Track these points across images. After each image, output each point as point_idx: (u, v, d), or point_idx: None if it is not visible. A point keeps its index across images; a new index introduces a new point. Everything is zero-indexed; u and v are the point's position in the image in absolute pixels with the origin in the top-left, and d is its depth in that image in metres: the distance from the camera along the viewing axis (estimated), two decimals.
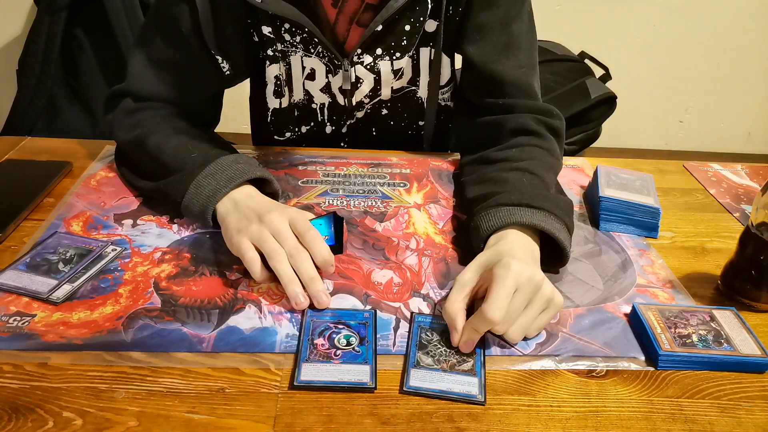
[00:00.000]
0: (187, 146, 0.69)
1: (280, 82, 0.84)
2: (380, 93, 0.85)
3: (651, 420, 0.48)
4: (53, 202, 0.72)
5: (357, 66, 0.81)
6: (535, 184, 0.67)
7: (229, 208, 0.63)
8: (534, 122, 0.76)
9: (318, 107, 0.87)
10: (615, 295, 0.63)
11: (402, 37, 0.79)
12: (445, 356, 0.53)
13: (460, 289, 0.55)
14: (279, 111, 0.87)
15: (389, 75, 0.82)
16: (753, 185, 0.88)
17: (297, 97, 0.85)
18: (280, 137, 0.91)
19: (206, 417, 0.46)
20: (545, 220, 0.61)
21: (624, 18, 2.21)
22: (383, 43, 0.79)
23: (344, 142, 0.93)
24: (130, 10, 1.60)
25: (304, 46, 0.79)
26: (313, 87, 0.84)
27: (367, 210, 0.74)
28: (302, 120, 0.89)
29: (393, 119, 0.89)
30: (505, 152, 0.73)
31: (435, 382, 0.50)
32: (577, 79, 1.66)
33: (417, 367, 0.51)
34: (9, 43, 2.03)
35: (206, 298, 0.58)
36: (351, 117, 0.89)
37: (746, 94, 2.39)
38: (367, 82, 0.83)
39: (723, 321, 0.57)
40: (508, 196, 0.64)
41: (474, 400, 0.49)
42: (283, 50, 0.80)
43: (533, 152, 0.73)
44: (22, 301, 0.56)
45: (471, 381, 0.50)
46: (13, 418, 0.45)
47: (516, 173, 0.68)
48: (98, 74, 1.67)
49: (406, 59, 0.82)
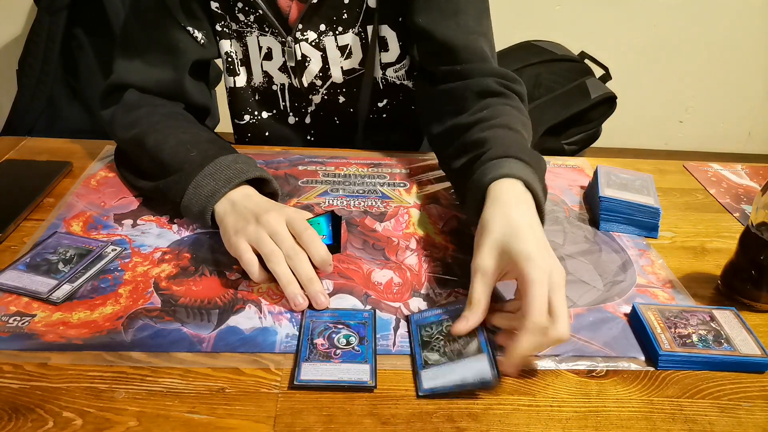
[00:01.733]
0: (186, 146, 0.69)
1: (232, 59, 0.85)
2: (330, 74, 0.85)
3: (651, 420, 0.48)
4: (53, 202, 0.72)
5: (302, 43, 0.81)
6: (516, 139, 0.67)
7: (227, 208, 0.63)
8: (497, 84, 0.76)
9: (279, 89, 0.88)
10: (615, 295, 0.63)
11: (342, 11, 0.79)
12: (449, 345, 0.53)
13: (485, 279, 0.53)
14: (235, 91, 0.88)
15: (335, 52, 0.83)
16: (753, 185, 0.88)
17: (257, 80, 0.87)
18: (239, 121, 0.91)
19: (206, 417, 0.46)
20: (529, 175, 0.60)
21: (624, 18, 2.21)
22: (324, 18, 0.80)
23: (310, 135, 0.93)
24: None
25: (258, 25, 0.81)
26: (271, 67, 0.85)
27: (367, 210, 0.74)
28: (263, 105, 0.89)
29: (352, 105, 0.89)
30: (477, 114, 0.72)
31: (447, 376, 0.50)
32: (577, 79, 1.66)
33: (426, 367, 0.51)
34: (9, 43, 2.02)
35: (206, 298, 0.58)
36: (309, 103, 0.89)
37: (746, 94, 2.39)
38: (314, 60, 0.83)
39: (723, 321, 0.57)
40: (494, 151, 0.63)
41: (489, 383, 0.49)
42: (239, 30, 0.82)
43: (504, 110, 0.72)
44: (22, 301, 0.56)
45: (481, 363, 0.50)
46: (13, 418, 0.45)
47: (494, 130, 0.68)
48: (98, 74, 1.66)
49: (351, 36, 0.82)
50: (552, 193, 0.78)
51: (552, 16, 2.17)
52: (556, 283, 0.51)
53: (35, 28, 1.60)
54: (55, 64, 1.61)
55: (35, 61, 1.60)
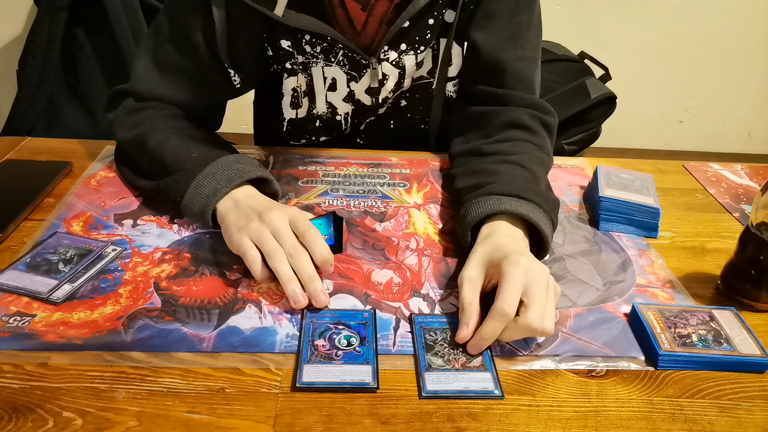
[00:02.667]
0: (187, 146, 0.69)
1: (297, 94, 0.83)
2: (403, 85, 0.85)
3: (651, 420, 0.48)
4: (53, 202, 0.72)
5: (383, 63, 0.80)
6: (526, 177, 0.68)
7: (229, 207, 0.63)
8: (528, 117, 0.77)
9: (342, 118, 0.87)
10: (615, 295, 0.63)
11: (426, 31, 0.79)
12: (453, 355, 0.53)
13: (472, 286, 0.55)
14: (295, 121, 0.87)
15: (413, 68, 0.82)
16: (753, 185, 0.88)
17: (320, 110, 0.85)
18: (294, 142, 0.91)
19: (206, 417, 0.46)
20: (534, 212, 0.62)
21: (624, 18, 2.21)
22: (407, 38, 0.79)
23: (360, 139, 0.92)
24: (130, 10, 1.60)
25: (324, 56, 0.79)
26: (335, 98, 0.84)
27: (367, 210, 0.74)
28: (323, 131, 0.88)
29: (410, 111, 0.89)
30: (497, 146, 0.74)
31: (451, 383, 0.50)
32: (577, 79, 1.66)
33: (429, 370, 0.51)
34: (9, 43, 2.02)
35: (206, 298, 0.58)
36: (374, 115, 0.88)
37: (746, 94, 2.39)
38: (392, 77, 0.82)
39: (723, 321, 0.57)
40: (498, 186, 0.65)
41: (493, 396, 0.49)
42: (304, 62, 0.80)
43: (525, 147, 0.73)
44: (22, 301, 0.56)
45: (485, 377, 0.51)
46: (13, 418, 0.45)
47: (508, 166, 0.69)
48: (98, 74, 1.66)
49: (428, 50, 0.82)
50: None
51: (552, 16, 2.15)
52: (534, 278, 0.53)
53: (35, 28, 1.60)
54: (55, 64, 1.61)
55: (35, 61, 1.60)
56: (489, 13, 0.78)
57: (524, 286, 0.53)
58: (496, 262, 0.55)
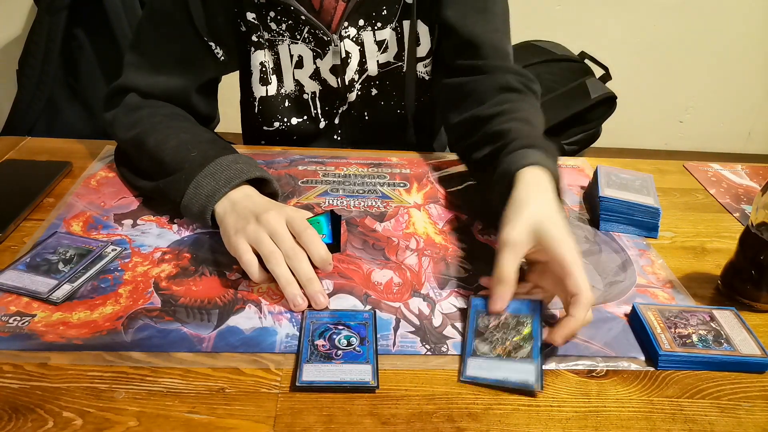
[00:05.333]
0: (186, 146, 0.69)
1: (265, 69, 0.85)
2: (367, 67, 0.85)
3: (651, 420, 0.48)
4: (53, 202, 0.72)
5: (345, 40, 0.82)
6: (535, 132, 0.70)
7: (227, 208, 0.63)
8: (516, 82, 0.79)
9: (309, 97, 0.88)
10: (615, 295, 0.63)
11: (381, 7, 0.81)
12: (501, 342, 0.53)
13: (514, 250, 0.54)
14: (266, 99, 0.87)
15: (373, 47, 0.84)
16: (753, 185, 0.88)
17: (288, 88, 0.87)
18: (268, 128, 0.91)
19: (206, 417, 0.46)
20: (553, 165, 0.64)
21: (624, 18, 2.21)
22: (364, 13, 0.81)
23: (338, 135, 0.93)
24: (130, 10, 1.60)
25: (290, 33, 0.81)
26: (302, 75, 0.85)
27: (367, 210, 0.74)
28: (293, 111, 0.89)
29: (383, 99, 0.89)
30: (497, 107, 0.76)
31: (492, 371, 0.50)
32: (577, 79, 1.66)
33: (474, 356, 0.52)
34: (9, 43, 2.02)
35: (206, 298, 0.58)
36: (344, 102, 0.89)
37: (746, 94, 2.39)
38: (354, 55, 0.84)
39: (723, 321, 0.57)
40: (520, 142, 0.66)
41: (530, 389, 0.49)
42: (270, 39, 0.82)
43: (523, 105, 0.76)
44: (22, 301, 0.56)
45: (528, 368, 0.51)
46: (13, 418, 0.45)
47: (516, 122, 0.71)
48: (98, 74, 1.67)
49: (388, 31, 0.83)
50: None
51: (552, 16, 2.17)
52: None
53: (35, 28, 1.60)
54: (55, 64, 1.61)
55: (35, 61, 1.60)
56: None
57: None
58: (547, 237, 0.54)
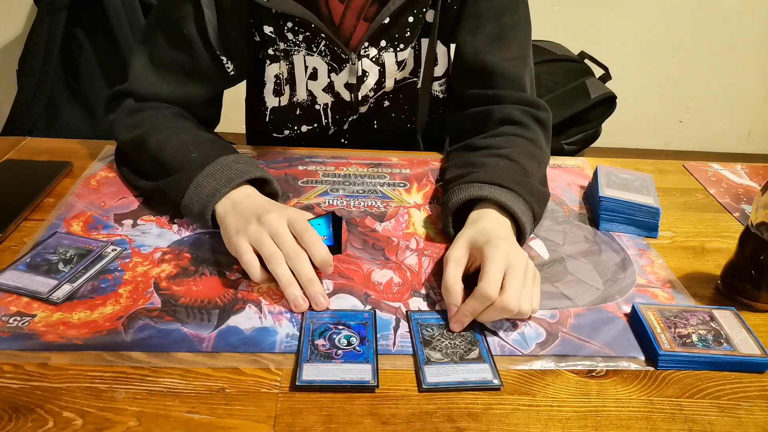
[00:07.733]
0: (187, 146, 0.69)
1: (280, 81, 0.84)
2: (384, 85, 0.85)
3: (651, 420, 0.48)
4: (53, 202, 0.72)
5: (363, 59, 0.81)
6: (511, 168, 0.69)
7: (228, 208, 0.63)
8: (520, 113, 0.78)
9: (321, 108, 0.87)
10: (615, 295, 0.63)
11: (406, 29, 0.79)
12: (451, 348, 0.54)
13: (457, 265, 0.58)
14: (278, 109, 0.87)
15: (393, 67, 0.83)
16: (753, 185, 0.88)
17: (300, 97, 0.86)
18: (278, 135, 0.91)
19: (206, 417, 0.46)
20: (512, 201, 0.64)
21: (624, 18, 2.21)
22: (388, 35, 0.79)
23: (345, 139, 0.93)
24: (130, 10, 1.60)
25: (306, 45, 0.80)
26: (315, 87, 0.84)
27: (367, 210, 0.74)
28: (304, 119, 0.89)
29: (394, 111, 0.89)
30: (488, 140, 0.76)
31: (450, 375, 0.51)
32: (577, 79, 1.66)
33: (428, 363, 0.52)
34: (9, 43, 2.02)
35: (206, 298, 0.58)
36: (355, 113, 0.89)
37: (746, 94, 2.39)
38: (372, 75, 0.83)
39: (723, 321, 0.57)
40: (481, 175, 0.67)
41: (492, 386, 0.50)
42: (286, 49, 0.80)
43: (515, 141, 0.75)
44: (22, 301, 0.56)
45: (483, 368, 0.52)
46: (13, 418, 0.45)
47: (495, 158, 0.71)
48: (98, 74, 1.67)
49: (408, 50, 0.82)
50: (552, 193, 0.78)
51: (552, 16, 2.17)
52: (515, 264, 0.55)
53: (35, 29, 1.60)
54: (55, 64, 1.61)
55: (35, 61, 1.61)
56: (474, 15, 0.79)
57: (505, 269, 0.55)
58: (479, 246, 0.58)
